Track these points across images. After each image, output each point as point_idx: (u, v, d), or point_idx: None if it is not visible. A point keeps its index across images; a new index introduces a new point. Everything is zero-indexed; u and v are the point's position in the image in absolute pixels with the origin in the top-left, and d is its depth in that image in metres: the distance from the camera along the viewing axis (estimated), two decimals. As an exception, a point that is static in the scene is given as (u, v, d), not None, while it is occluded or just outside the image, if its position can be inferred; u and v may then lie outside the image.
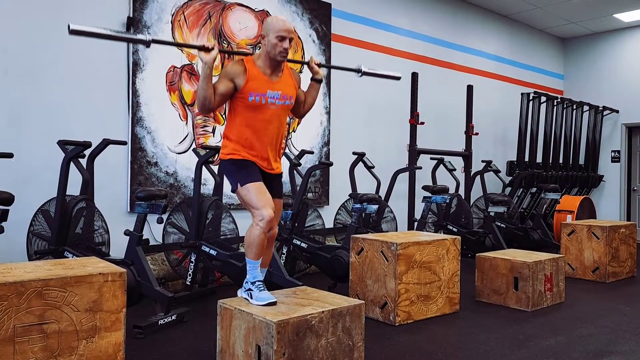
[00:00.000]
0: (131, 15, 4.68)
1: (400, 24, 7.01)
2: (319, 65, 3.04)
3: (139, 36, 2.69)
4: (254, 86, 2.73)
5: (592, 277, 5.45)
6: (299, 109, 3.05)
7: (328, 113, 6.15)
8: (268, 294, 2.75)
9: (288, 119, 3.01)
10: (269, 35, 2.75)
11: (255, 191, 2.71)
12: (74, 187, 3.95)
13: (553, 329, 3.73)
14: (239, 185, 2.75)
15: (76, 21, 4.39)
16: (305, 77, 3.02)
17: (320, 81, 3.05)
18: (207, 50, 2.70)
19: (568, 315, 4.12)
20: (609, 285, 5.25)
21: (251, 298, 2.75)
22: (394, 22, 6.94)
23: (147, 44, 2.69)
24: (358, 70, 3.45)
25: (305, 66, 3.20)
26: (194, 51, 5.06)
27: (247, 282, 2.83)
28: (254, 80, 2.74)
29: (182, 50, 4.98)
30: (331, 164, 5.23)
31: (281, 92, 2.81)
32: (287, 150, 5.63)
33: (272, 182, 2.91)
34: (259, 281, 2.80)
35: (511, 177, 7.93)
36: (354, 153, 5.56)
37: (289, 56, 2.91)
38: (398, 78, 3.72)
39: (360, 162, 5.55)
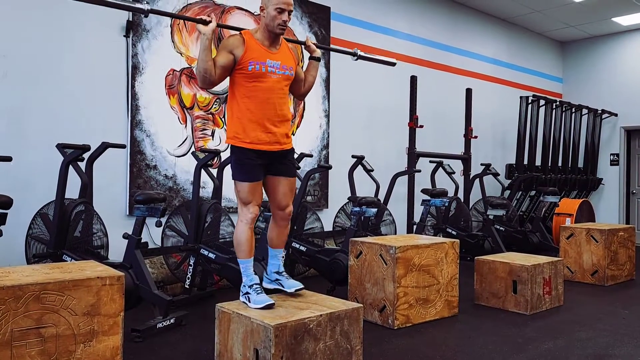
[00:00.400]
0: (130, 19, 4.69)
1: (399, 28, 7.03)
2: (316, 46, 3.07)
3: (138, 5, 2.73)
4: (253, 55, 2.73)
5: (590, 280, 5.45)
6: (300, 88, 3.03)
7: (327, 116, 6.16)
8: (266, 296, 2.76)
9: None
10: (268, 7, 2.76)
11: (248, 189, 2.79)
12: (73, 190, 3.95)
13: (552, 332, 3.73)
14: (236, 179, 2.83)
15: (76, 26, 4.42)
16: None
17: (318, 59, 3.06)
18: (205, 23, 2.75)
19: (567, 318, 4.12)
20: (608, 289, 5.25)
21: (249, 302, 2.75)
22: (393, 26, 6.95)
23: (145, 13, 2.73)
24: (354, 54, 3.53)
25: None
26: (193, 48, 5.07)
27: (244, 285, 2.83)
28: (252, 50, 2.74)
29: (181, 54, 4.99)
30: (330, 167, 5.24)
31: (281, 62, 2.80)
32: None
33: (283, 161, 2.88)
34: (255, 284, 2.81)
35: (510, 180, 7.94)
36: (353, 156, 5.57)
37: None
38: (393, 64, 3.79)
39: (360, 165, 5.55)
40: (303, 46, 3.13)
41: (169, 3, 4.92)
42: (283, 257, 3.06)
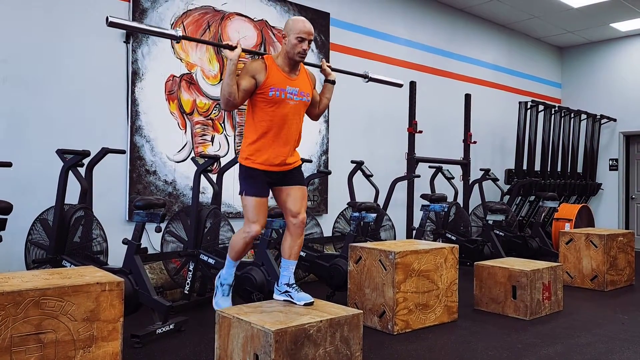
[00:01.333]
0: (130, 25, 4.70)
1: (398, 33, 7.05)
2: (331, 69, 3.20)
3: (171, 31, 2.85)
4: (273, 81, 2.85)
5: (590, 285, 5.45)
6: (314, 110, 3.17)
7: (327, 122, 6.17)
8: (228, 300, 2.99)
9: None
10: (290, 35, 2.87)
11: (254, 205, 2.89)
12: (73, 196, 3.96)
13: (551, 337, 3.73)
14: (243, 193, 2.93)
15: (76, 31, 4.44)
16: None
17: (333, 82, 3.20)
18: (231, 48, 2.86)
19: (566, 324, 4.11)
20: (607, 294, 5.24)
21: (215, 296, 3.02)
22: (392, 32, 6.98)
23: (177, 39, 2.86)
24: (365, 76, 3.67)
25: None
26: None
27: (219, 277, 3.08)
28: (273, 76, 2.86)
29: (181, 60, 5.01)
30: (330, 173, 5.25)
31: (299, 88, 2.94)
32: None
33: (289, 175, 2.98)
34: (228, 285, 3.04)
35: (509, 186, 7.95)
36: (352, 162, 5.58)
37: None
38: (400, 85, 3.96)
39: (359, 171, 5.56)
40: (319, 69, 3.26)
41: (169, 10, 4.94)
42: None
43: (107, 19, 2.66)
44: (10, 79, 4.16)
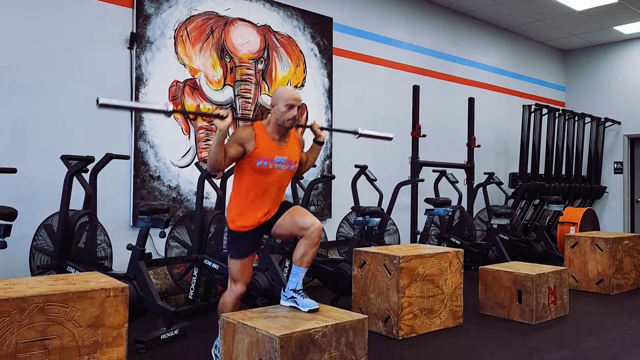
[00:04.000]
0: (134, 31, 4.72)
1: (401, 37, 7.06)
2: (321, 129, 3.20)
3: (161, 107, 2.85)
4: (262, 152, 2.86)
5: (596, 289, 5.41)
6: (301, 168, 3.19)
7: (330, 126, 6.17)
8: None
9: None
10: (279, 103, 2.88)
11: (238, 267, 2.94)
12: (77, 201, 3.97)
13: (557, 342, 3.70)
14: (229, 255, 2.98)
15: (80, 37, 4.45)
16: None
17: (321, 144, 3.21)
18: (221, 118, 2.83)
19: (572, 328, 4.09)
20: (614, 298, 5.21)
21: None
22: (395, 36, 6.98)
23: (168, 114, 2.86)
24: (355, 132, 3.70)
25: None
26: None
27: (215, 346, 3.04)
28: (262, 146, 2.87)
29: (184, 65, 5.02)
30: (333, 177, 5.24)
31: (287, 157, 2.94)
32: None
33: (277, 212, 2.97)
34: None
35: (514, 189, 7.92)
36: (356, 166, 5.57)
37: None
38: (390, 139, 3.98)
39: (363, 175, 5.55)
40: (309, 129, 3.25)
41: (172, 16, 4.95)
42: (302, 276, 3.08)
43: (97, 100, 2.58)
44: (15, 86, 4.17)
